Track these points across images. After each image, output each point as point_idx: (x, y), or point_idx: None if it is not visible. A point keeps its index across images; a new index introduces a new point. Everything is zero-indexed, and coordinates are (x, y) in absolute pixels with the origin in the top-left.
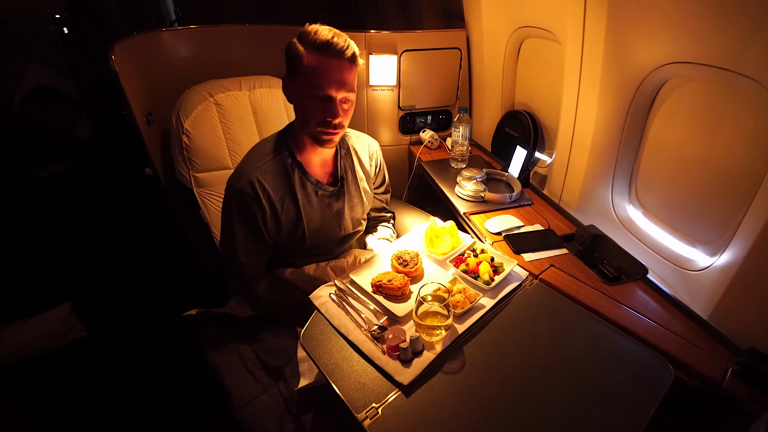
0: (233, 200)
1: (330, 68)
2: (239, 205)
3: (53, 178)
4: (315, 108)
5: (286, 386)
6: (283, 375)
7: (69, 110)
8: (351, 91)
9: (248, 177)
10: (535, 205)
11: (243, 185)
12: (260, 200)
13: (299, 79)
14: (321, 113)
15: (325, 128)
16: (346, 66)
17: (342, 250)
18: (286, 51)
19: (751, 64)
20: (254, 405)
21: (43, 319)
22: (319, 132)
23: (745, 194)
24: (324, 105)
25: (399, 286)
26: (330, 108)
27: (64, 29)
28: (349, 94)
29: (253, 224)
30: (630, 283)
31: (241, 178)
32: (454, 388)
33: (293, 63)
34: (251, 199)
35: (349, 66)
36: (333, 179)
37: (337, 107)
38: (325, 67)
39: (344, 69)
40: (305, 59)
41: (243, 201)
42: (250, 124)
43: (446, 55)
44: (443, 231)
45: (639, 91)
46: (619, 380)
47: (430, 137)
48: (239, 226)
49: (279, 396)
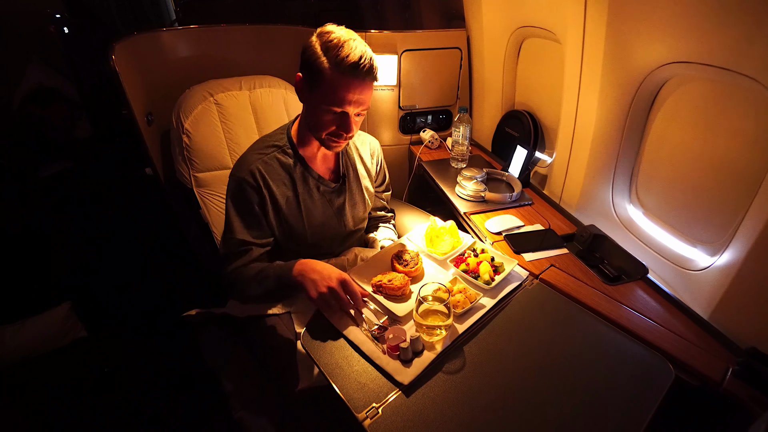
0: (234, 189)
1: (353, 90)
2: (240, 193)
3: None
4: (330, 121)
5: (286, 387)
6: (283, 376)
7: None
8: (368, 107)
9: (249, 167)
10: (535, 205)
11: (244, 174)
12: (260, 189)
13: (318, 91)
14: (335, 127)
15: (337, 138)
16: (368, 85)
17: (344, 249)
18: (304, 53)
19: (752, 63)
20: (253, 405)
21: (43, 319)
22: (328, 139)
23: (746, 194)
24: (340, 119)
25: (399, 286)
26: (345, 123)
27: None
28: (365, 110)
29: (253, 214)
30: (630, 283)
31: (242, 168)
32: (455, 388)
33: (313, 72)
34: (251, 187)
35: (370, 84)
36: (335, 176)
37: (351, 122)
38: (348, 88)
39: (366, 89)
40: (328, 74)
41: (243, 190)
42: (250, 124)
43: (446, 55)
44: (443, 231)
45: (639, 90)
46: (619, 380)
47: (430, 137)
48: (239, 215)
49: (278, 396)
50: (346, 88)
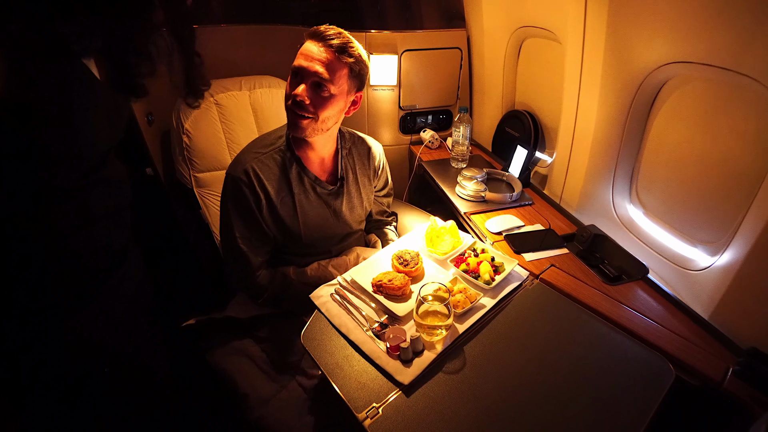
0: (229, 188)
1: (310, 49)
2: (234, 193)
3: None
4: (288, 84)
5: (308, 377)
6: (301, 368)
7: None
8: (327, 78)
9: (244, 166)
10: (535, 205)
11: (239, 173)
12: (254, 188)
13: None
14: (290, 88)
15: (293, 106)
16: (328, 51)
17: (340, 249)
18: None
19: (752, 63)
20: (273, 403)
21: None
22: (288, 110)
23: (746, 194)
24: (294, 80)
25: (399, 286)
26: (296, 82)
27: None
28: (324, 80)
29: (249, 213)
30: (631, 283)
31: (237, 167)
32: (455, 388)
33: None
34: (246, 186)
35: (330, 53)
36: (333, 178)
37: (305, 85)
38: (307, 48)
39: (324, 52)
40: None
41: (238, 189)
42: (250, 124)
43: (447, 55)
44: (444, 231)
45: (640, 90)
46: (620, 380)
47: (430, 137)
48: (236, 214)
49: (300, 389)
50: (305, 48)
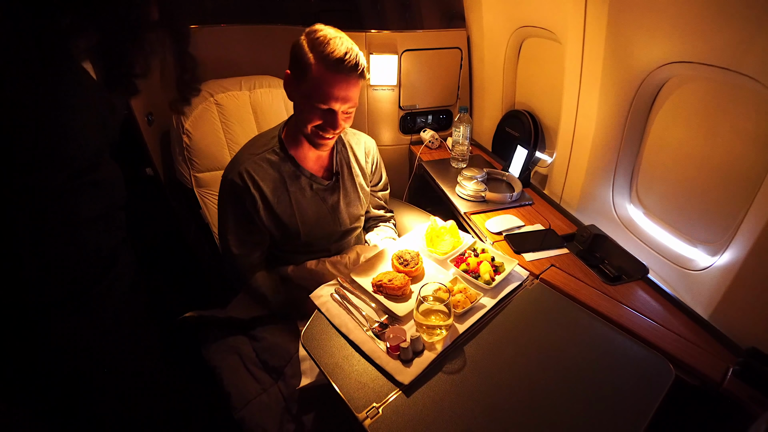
0: (225, 191)
1: (338, 86)
2: (230, 195)
3: None
4: (316, 117)
5: (286, 386)
6: (284, 374)
7: None
8: (355, 104)
9: (238, 168)
10: (535, 205)
11: (233, 176)
12: (250, 190)
13: (304, 86)
14: (321, 122)
15: (323, 134)
16: (354, 82)
17: (339, 247)
18: (292, 50)
19: (753, 63)
20: (254, 405)
21: None
22: (314, 136)
23: (746, 194)
24: (326, 116)
25: (399, 286)
26: (331, 119)
27: None
28: (352, 107)
29: (245, 215)
30: (631, 283)
31: (232, 170)
32: (455, 388)
33: (300, 67)
34: (241, 189)
35: (356, 82)
36: (328, 173)
37: (338, 119)
38: (333, 83)
39: (351, 86)
40: (314, 70)
41: (233, 191)
42: (250, 124)
43: (447, 55)
44: (444, 231)
45: (640, 90)
46: (620, 380)
47: (430, 137)
48: (231, 216)
49: (279, 395)
50: (331, 84)
